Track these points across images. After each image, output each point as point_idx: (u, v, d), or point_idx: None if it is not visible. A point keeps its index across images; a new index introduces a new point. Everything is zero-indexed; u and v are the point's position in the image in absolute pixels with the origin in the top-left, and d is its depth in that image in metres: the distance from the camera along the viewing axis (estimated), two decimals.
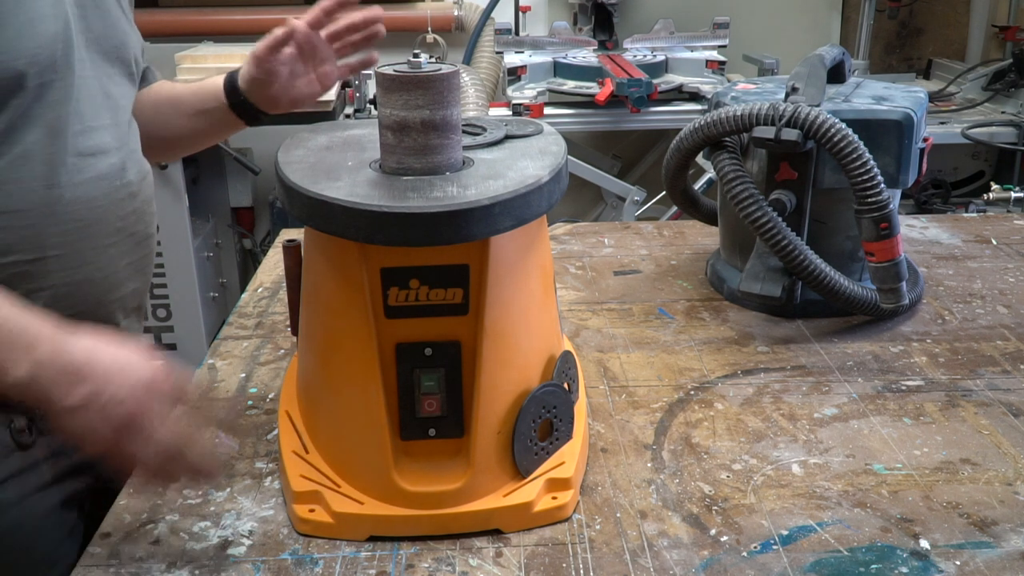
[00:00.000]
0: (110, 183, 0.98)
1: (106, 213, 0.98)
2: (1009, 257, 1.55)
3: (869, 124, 1.23)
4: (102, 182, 0.97)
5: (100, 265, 0.98)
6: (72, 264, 0.95)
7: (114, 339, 0.81)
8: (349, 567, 0.85)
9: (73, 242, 0.94)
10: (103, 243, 0.98)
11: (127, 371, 0.78)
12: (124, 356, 0.79)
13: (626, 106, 2.57)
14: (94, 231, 0.96)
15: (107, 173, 0.97)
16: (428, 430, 0.88)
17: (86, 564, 0.85)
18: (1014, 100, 2.85)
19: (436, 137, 0.85)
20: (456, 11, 3.19)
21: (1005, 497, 0.93)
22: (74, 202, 0.93)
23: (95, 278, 0.98)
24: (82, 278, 0.96)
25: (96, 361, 0.78)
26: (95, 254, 0.97)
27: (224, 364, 1.23)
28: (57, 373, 0.76)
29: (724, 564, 0.84)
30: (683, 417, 1.08)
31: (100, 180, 0.96)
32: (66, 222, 0.93)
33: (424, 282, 0.83)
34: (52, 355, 0.76)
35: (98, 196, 0.96)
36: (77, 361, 0.77)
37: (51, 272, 0.93)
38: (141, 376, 0.79)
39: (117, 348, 0.80)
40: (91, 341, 0.79)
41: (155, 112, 1.16)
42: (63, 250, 0.93)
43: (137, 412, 0.77)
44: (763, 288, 1.27)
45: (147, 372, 0.79)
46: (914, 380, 1.16)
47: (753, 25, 3.27)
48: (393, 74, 0.84)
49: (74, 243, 0.94)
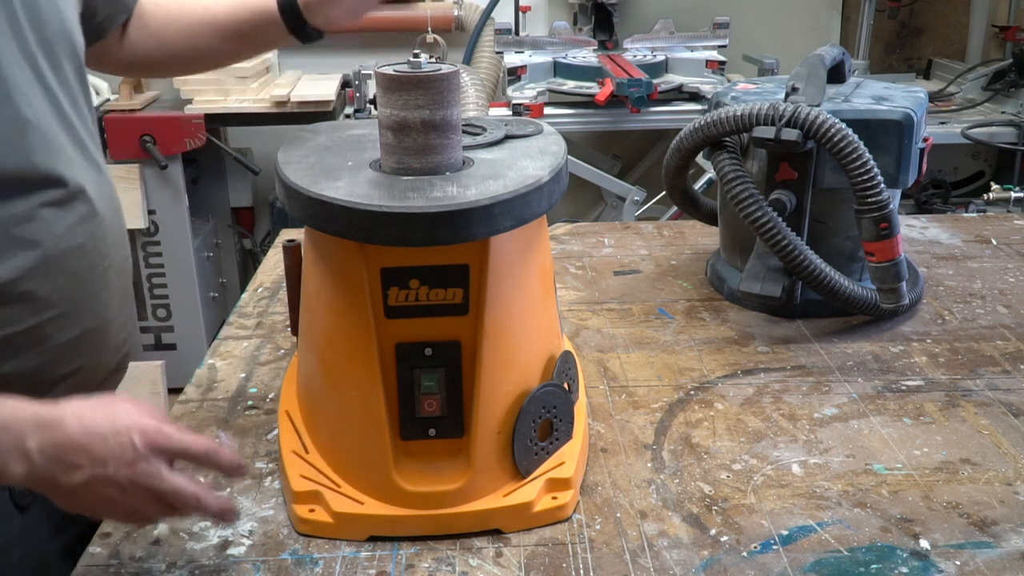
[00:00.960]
0: (90, 222, 0.91)
1: (92, 255, 0.92)
2: (1009, 257, 1.55)
3: (869, 124, 1.23)
4: (85, 224, 0.90)
5: (95, 312, 0.93)
6: (70, 320, 0.90)
7: (100, 401, 0.75)
8: (349, 567, 0.85)
9: (67, 297, 0.89)
10: (94, 289, 0.93)
11: (123, 432, 0.73)
12: (116, 415, 0.74)
13: (626, 106, 2.57)
14: (85, 278, 0.91)
15: (85, 214, 0.90)
16: (428, 430, 0.88)
17: (86, 564, 0.85)
18: (1014, 100, 2.85)
19: (436, 137, 0.85)
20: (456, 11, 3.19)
21: (1005, 497, 0.93)
22: (62, 255, 0.88)
23: (91, 327, 0.93)
24: (80, 331, 0.91)
25: (91, 431, 0.72)
26: (88, 302, 0.92)
27: (224, 364, 1.23)
28: (53, 460, 0.71)
29: (724, 564, 0.84)
30: (683, 417, 1.08)
31: (82, 223, 0.90)
32: (56, 277, 0.88)
33: (424, 282, 0.83)
34: (43, 443, 0.71)
35: (84, 242, 0.90)
36: (71, 439, 0.71)
37: (48, 336, 0.88)
38: (139, 430, 0.73)
39: (106, 408, 0.74)
40: (78, 410, 0.73)
41: (181, 31, 1.11)
42: (59, 308, 0.88)
43: (144, 469, 0.73)
44: (763, 288, 1.27)
45: (144, 426, 0.74)
46: (914, 380, 1.16)
47: (753, 25, 3.27)
48: (393, 74, 0.84)
49: (68, 297, 0.89)
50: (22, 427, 0.70)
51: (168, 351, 2.85)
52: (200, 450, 0.76)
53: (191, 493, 0.74)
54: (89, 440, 0.71)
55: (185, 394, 1.15)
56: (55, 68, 0.90)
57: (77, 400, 0.74)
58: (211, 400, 1.13)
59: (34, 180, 0.86)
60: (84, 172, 0.92)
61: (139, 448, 0.72)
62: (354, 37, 3.23)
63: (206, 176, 3.05)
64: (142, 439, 0.73)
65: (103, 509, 0.75)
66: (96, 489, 0.72)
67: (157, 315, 2.82)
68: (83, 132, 0.94)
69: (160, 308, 2.81)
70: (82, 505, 0.74)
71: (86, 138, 0.94)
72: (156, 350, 2.86)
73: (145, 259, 2.75)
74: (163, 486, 0.73)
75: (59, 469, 0.71)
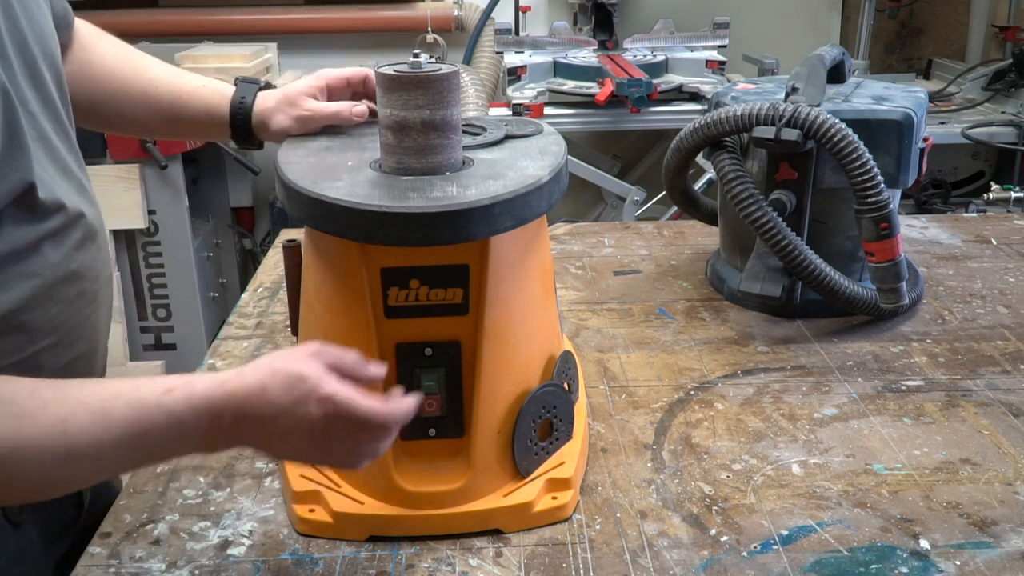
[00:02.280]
0: (84, 246, 0.88)
1: (86, 280, 0.88)
2: (1009, 257, 1.55)
3: (869, 124, 1.23)
4: (80, 250, 0.87)
5: (87, 336, 0.90)
6: (63, 347, 0.86)
7: (269, 366, 0.72)
8: (349, 567, 0.85)
9: (61, 325, 0.85)
10: (86, 313, 0.89)
11: (302, 402, 0.71)
12: (293, 384, 0.71)
13: (626, 106, 2.57)
14: (78, 304, 0.87)
15: (80, 238, 0.87)
16: (428, 430, 0.88)
17: (86, 564, 0.85)
18: (1014, 100, 2.85)
19: (436, 137, 0.85)
20: (456, 11, 3.19)
21: (1005, 497, 0.93)
22: (58, 284, 0.85)
23: (83, 351, 0.90)
24: (73, 356, 0.88)
25: (275, 405, 0.70)
26: (80, 329, 0.89)
27: (224, 364, 1.23)
28: (251, 435, 0.70)
29: (724, 564, 0.84)
30: (683, 417, 1.08)
31: (77, 249, 0.87)
32: (51, 307, 0.84)
33: (424, 282, 0.83)
34: (236, 419, 0.69)
35: (77, 267, 0.87)
36: (259, 415, 0.70)
37: (42, 364, 0.84)
38: (316, 400, 0.71)
39: (282, 365, 0.72)
40: (263, 379, 0.71)
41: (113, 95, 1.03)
42: (54, 336, 0.85)
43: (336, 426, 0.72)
44: (763, 288, 1.27)
45: (318, 394, 0.71)
46: (914, 380, 1.16)
47: (753, 25, 3.27)
48: (393, 74, 0.84)
49: (62, 326, 0.86)
50: (215, 408, 0.69)
51: (168, 351, 2.85)
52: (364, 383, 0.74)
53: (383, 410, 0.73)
54: (276, 413, 0.70)
55: None
56: (37, 86, 0.84)
57: (258, 365, 0.72)
58: None
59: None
60: (73, 194, 0.88)
61: (324, 411, 0.70)
62: (354, 37, 3.23)
63: (206, 176, 3.05)
64: (321, 404, 0.71)
65: (318, 460, 0.78)
66: (299, 447, 0.72)
67: (157, 315, 2.82)
68: (64, 150, 0.88)
69: (160, 308, 2.81)
70: (292, 459, 0.77)
71: (67, 156, 0.88)
72: (156, 350, 2.86)
73: (145, 259, 2.75)
74: (358, 425, 0.72)
75: (260, 437, 0.71)
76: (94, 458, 0.67)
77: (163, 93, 1.04)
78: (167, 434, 0.68)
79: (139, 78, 1.04)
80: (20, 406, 0.65)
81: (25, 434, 0.64)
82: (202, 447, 0.71)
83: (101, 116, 1.05)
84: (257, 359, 0.74)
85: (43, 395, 0.66)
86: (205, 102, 1.03)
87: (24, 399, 0.65)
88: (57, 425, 0.65)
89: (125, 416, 0.67)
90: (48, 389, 0.67)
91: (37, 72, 0.84)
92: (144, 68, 1.05)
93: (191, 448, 0.71)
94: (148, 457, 0.71)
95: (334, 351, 0.74)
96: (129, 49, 1.07)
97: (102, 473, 0.71)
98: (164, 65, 1.07)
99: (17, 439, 0.64)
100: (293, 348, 0.75)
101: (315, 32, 3.24)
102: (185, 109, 1.04)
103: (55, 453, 0.65)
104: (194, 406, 0.69)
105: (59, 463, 0.65)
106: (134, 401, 0.68)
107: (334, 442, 0.73)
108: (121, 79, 1.04)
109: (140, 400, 0.68)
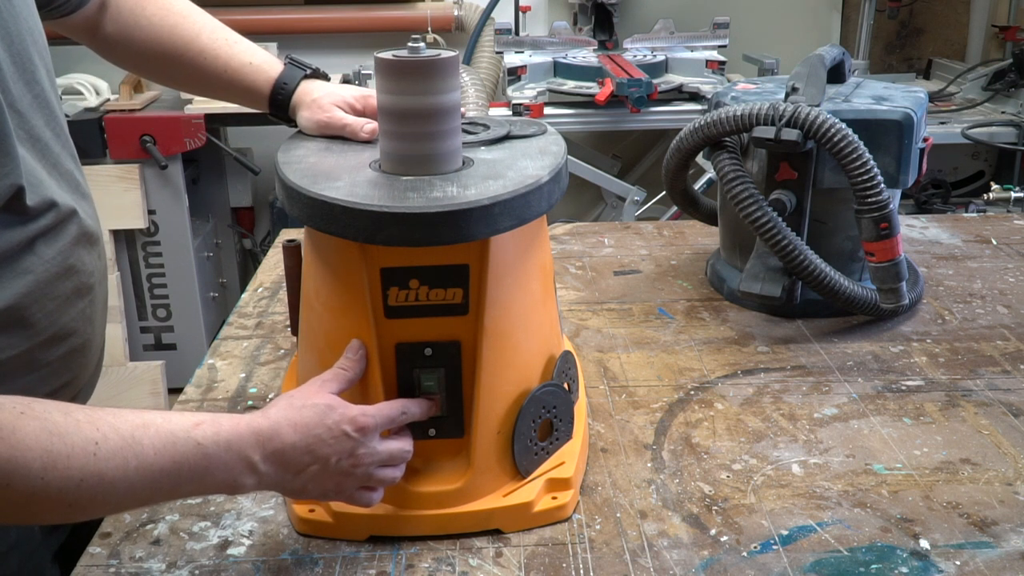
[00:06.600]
0: (79, 242, 0.89)
1: (81, 275, 0.89)
2: (1009, 257, 1.55)
3: (869, 124, 1.23)
4: (75, 246, 0.88)
5: (82, 330, 0.91)
6: (59, 341, 0.87)
7: (300, 400, 0.79)
8: (349, 567, 0.85)
9: (57, 320, 0.86)
10: (80, 307, 0.90)
11: (335, 427, 0.78)
12: (324, 413, 0.78)
13: (626, 106, 2.57)
14: (73, 299, 0.88)
15: (76, 234, 0.88)
16: (428, 430, 0.88)
17: (86, 564, 0.85)
18: (1014, 100, 2.85)
19: (435, 123, 0.84)
20: (456, 11, 3.19)
21: (1005, 497, 0.93)
22: (54, 280, 0.85)
23: (78, 344, 0.90)
24: (68, 349, 0.89)
25: (308, 434, 0.76)
26: (76, 323, 0.89)
27: (224, 364, 1.23)
28: (279, 467, 0.75)
29: (724, 564, 0.84)
30: (683, 417, 1.08)
31: (75, 240, 0.88)
32: (47, 303, 0.85)
33: (424, 282, 0.83)
34: (266, 454, 0.74)
35: (74, 263, 0.88)
36: (293, 446, 0.75)
37: (38, 359, 0.85)
38: (349, 421, 0.78)
39: (313, 409, 0.78)
40: (289, 416, 0.76)
41: (163, 61, 1.07)
42: (50, 331, 0.85)
43: (363, 452, 0.79)
44: (763, 288, 1.27)
45: (351, 416, 0.79)
46: (914, 380, 1.16)
47: (753, 25, 3.27)
48: (392, 59, 0.83)
49: (58, 320, 0.86)
50: (243, 444, 0.73)
51: (168, 351, 2.85)
52: (396, 414, 0.82)
53: (401, 449, 0.83)
54: (309, 443, 0.76)
55: (185, 394, 1.15)
56: (28, 81, 0.84)
57: (279, 405, 0.78)
58: (211, 400, 1.13)
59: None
60: (65, 191, 0.88)
61: (354, 436, 0.78)
62: (354, 37, 3.23)
63: (206, 176, 3.05)
64: (353, 427, 0.78)
65: (333, 495, 0.81)
66: (323, 481, 0.78)
67: (157, 315, 2.82)
68: (56, 146, 0.88)
69: (160, 308, 2.82)
70: (312, 495, 0.79)
71: (59, 151, 0.88)
72: (156, 350, 2.86)
73: (145, 259, 2.75)
74: (381, 458, 0.81)
75: (286, 474, 0.76)
76: (122, 481, 0.67)
77: (210, 67, 1.08)
78: (194, 467, 0.70)
79: (189, 48, 1.07)
80: (54, 423, 0.65)
81: (58, 451, 0.64)
82: (227, 484, 0.73)
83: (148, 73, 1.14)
84: (273, 400, 0.79)
85: (76, 416, 0.67)
86: (250, 82, 1.08)
87: (58, 418, 0.66)
88: (89, 446, 0.66)
89: (155, 445, 0.68)
90: (81, 412, 0.68)
91: (29, 66, 0.84)
92: (193, 37, 1.07)
93: (217, 484, 0.73)
94: (174, 490, 0.71)
95: (332, 380, 0.82)
96: (177, 13, 1.09)
97: (127, 502, 0.71)
98: (213, 31, 1.09)
99: (49, 457, 0.64)
100: (302, 387, 0.81)
101: (315, 32, 3.24)
102: (231, 85, 1.09)
103: (84, 472, 0.65)
104: (224, 439, 0.72)
105: (88, 484, 0.66)
106: (164, 432, 0.69)
107: (359, 468, 0.79)
108: (170, 46, 1.07)
109: (171, 432, 0.70)
